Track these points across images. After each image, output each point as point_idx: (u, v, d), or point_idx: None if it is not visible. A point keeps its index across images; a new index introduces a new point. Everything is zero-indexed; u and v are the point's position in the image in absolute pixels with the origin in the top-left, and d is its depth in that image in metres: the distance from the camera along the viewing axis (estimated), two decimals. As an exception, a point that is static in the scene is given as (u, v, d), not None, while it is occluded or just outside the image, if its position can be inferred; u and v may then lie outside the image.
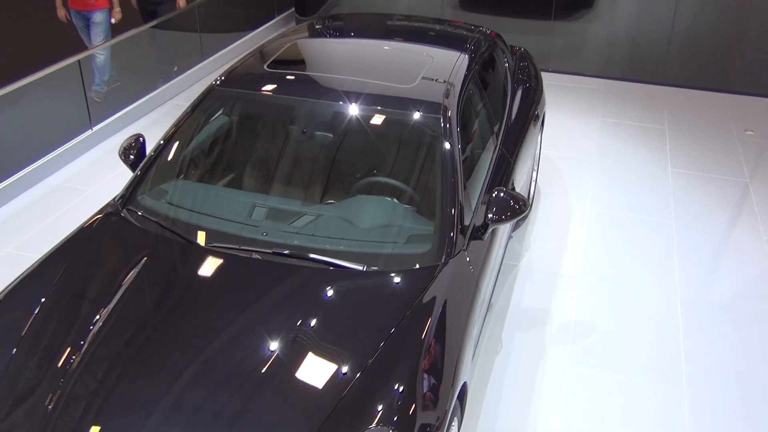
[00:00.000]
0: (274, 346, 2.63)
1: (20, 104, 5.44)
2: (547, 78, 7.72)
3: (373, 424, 2.37)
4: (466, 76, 3.80)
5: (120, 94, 6.51)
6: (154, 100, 6.83)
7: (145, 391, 2.47)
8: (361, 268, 2.97)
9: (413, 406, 2.46)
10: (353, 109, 3.46)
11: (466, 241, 3.20)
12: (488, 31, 4.86)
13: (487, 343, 4.04)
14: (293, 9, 9.07)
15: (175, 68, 7.16)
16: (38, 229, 5.02)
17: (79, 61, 5.86)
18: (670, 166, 6.02)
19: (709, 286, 4.61)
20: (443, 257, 3.05)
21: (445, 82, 3.66)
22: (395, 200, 3.36)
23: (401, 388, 2.50)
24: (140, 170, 3.46)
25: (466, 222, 3.28)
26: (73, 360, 2.56)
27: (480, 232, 3.30)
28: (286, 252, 3.01)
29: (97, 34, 6.56)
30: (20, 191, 5.39)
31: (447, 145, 3.34)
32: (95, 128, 6.09)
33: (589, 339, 4.13)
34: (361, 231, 3.18)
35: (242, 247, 3.04)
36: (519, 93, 4.70)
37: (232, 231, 3.14)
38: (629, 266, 4.75)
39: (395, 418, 2.40)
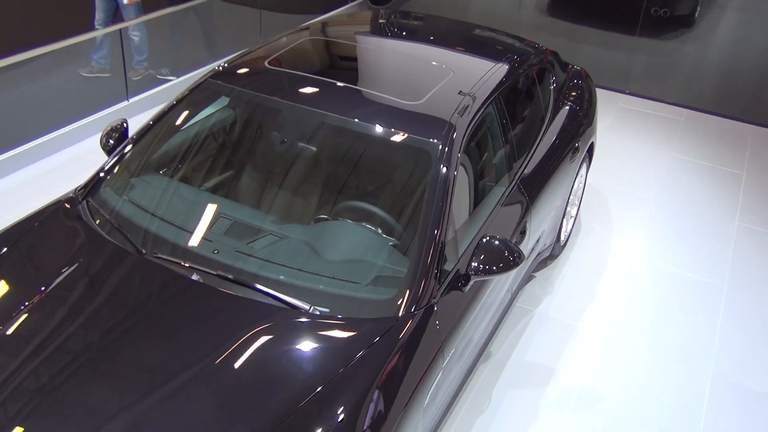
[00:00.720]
0: (170, 380, 2.31)
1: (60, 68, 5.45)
2: (621, 100, 7.11)
3: None
4: (487, 98, 3.34)
5: (163, 70, 6.35)
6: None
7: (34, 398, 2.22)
8: (307, 307, 2.60)
9: None
10: (343, 122, 3.08)
11: (441, 291, 2.77)
12: (542, 48, 4.35)
13: (474, 396, 3.60)
14: (368, -4, 8.72)
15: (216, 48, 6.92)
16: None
17: (120, 31, 5.74)
18: (738, 218, 5.33)
19: (749, 368, 3.99)
20: (402, 309, 2.64)
21: (460, 102, 3.21)
22: (375, 231, 2.97)
23: None
24: (110, 160, 3.21)
25: (449, 267, 2.86)
26: None
27: (461, 282, 2.86)
28: (230, 277, 2.68)
29: (129, 14, 6.27)
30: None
31: (441, 174, 2.92)
32: (131, 100, 5.96)
33: (593, 410, 3.62)
34: (324, 263, 2.81)
35: (185, 264, 2.73)
36: (561, 120, 4.18)
37: (181, 243, 2.83)
38: (660, 330, 4.18)
39: None
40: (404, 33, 4.32)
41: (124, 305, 2.60)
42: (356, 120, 3.05)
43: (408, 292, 2.68)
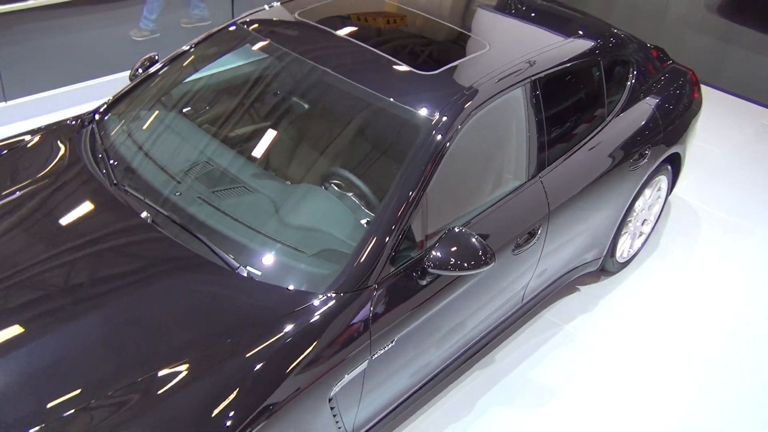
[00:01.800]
0: (76, 302, 2.33)
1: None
2: (766, 117, 6.21)
3: None
4: (512, 81, 2.99)
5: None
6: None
7: None
8: (236, 266, 2.48)
9: None
10: (339, 83, 2.89)
11: (390, 276, 2.53)
12: (628, 40, 3.85)
13: (456, 402, 3.32)
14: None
15: None
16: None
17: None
18: None
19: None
20: (330, 288, 2.43)
21: (476, 80, 2.90)
22: (347, 203, 2.77)
23: None
24: (124, 89, 3.24)
25: (414, 253, 2.61)
26: None
27: (417, 273, 2.60)
28: (176, 220, 2.61)
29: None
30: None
31: (423, 150, 2.66)
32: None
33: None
34: (280, 226, 2.66)
35: (144, 200, 2.69)
36: (630, 121, 3.68)
37: (152, 180, 2.79)
38: (712, 397, 3.62)
39: None
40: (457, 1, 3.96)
41: (69, 228, 2.61)
42: (353, 82, 2.85)
43: (343, 270, 2.47)
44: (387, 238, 2.53)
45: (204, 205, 2.70)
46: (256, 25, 3.22)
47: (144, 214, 2.63)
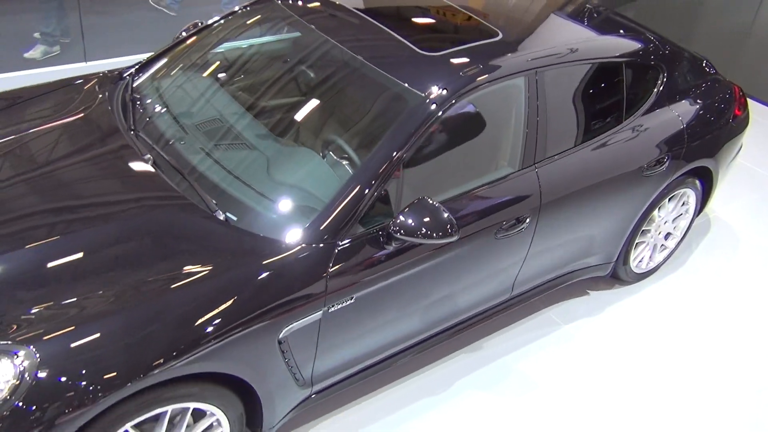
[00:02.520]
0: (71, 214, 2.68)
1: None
2: None
3: None
4: (518, 70, 3.06)
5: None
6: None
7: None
8: (214, 209, 2.68)
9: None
10: (346, 56, 3.06)
11: (356, 235, 2.67)
12: (661, 45, 3.81)
13: (435, 379, 3.40)
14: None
15: None
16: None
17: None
18: None
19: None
20: (295, 237, 2.60)
21: (474, 65, 3.00)
22: (339, 167, 2.92)
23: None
24: (161, 49, 3.54)
25: (385, 221, 2.74)
26: None
27: (385, 239, 2.72)
28: (173, 163, 2.86)
29: None
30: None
31: (408, 121, 2.79)
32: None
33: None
34: (266, 180, 2.84)
35: (151, 144, 2.96)
36: (649, 127, 3.63)
37: (164, 129, 3.05)
38: None
39: None
40: None
41: (83, 160, 2.92)
42: (359, 56, 3.02)
43: (312, 222, 2.64)
44: (362, 194, 2.67)
45: (202, 154, 2.93)
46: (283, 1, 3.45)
47: (147, 156, 2.89)
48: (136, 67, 3.50)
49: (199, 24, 3.72)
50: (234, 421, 2.63)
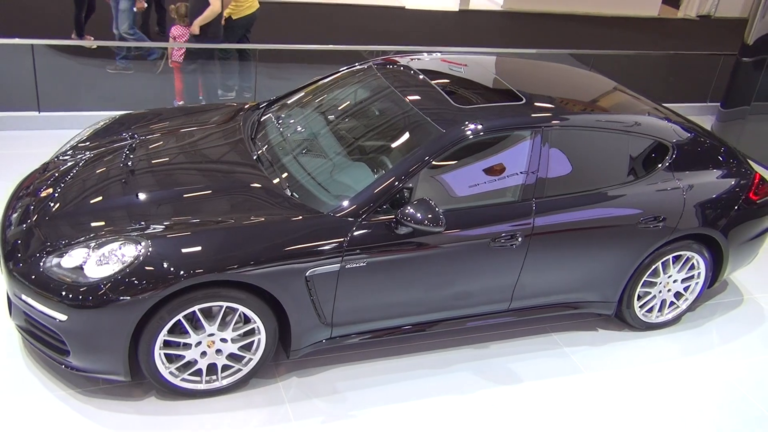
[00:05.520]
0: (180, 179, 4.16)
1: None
2: None
3: None
4: (521, 125, 4.12)
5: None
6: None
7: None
8: (283, 188, 3.94)
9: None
10: (395, 97, 4.36)
11: (373, 217, 3.76)
12: (675, 131, 4.61)
13: (434, 361, 4.28)
14: (719, 103, 8.77)
15: None
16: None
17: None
18: None
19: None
20: (331, 210, 3.77)
21: (495, 118, 4.11)
22: (375, 172, 4.01)
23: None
24: (283, 94, 5.00)
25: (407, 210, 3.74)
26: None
27: (395, 225, 3.78)
28: (269, 159, 4.20)
29: (122, 22, 7.81)
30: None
31: (447, 138, 3.92)
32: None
33: None
34: (328, 179, 4.04)
35: (258, 147, 4.33)
36: (650, 193, 4.40)
37: (272, 138, 4.42)
38: None
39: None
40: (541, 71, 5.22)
41: (218, 146, 4.48)
42: (405, 98, 4.27)
43: (345, 204, 3.80)
44: (387, 189, 3.79)
45: (290, 156, 4.22)
46: (372, 64, 4.78)
47: (254, 156, 4.25)
48: (269, 100, 4.95)
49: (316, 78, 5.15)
50: (269, 331, 3.75)
